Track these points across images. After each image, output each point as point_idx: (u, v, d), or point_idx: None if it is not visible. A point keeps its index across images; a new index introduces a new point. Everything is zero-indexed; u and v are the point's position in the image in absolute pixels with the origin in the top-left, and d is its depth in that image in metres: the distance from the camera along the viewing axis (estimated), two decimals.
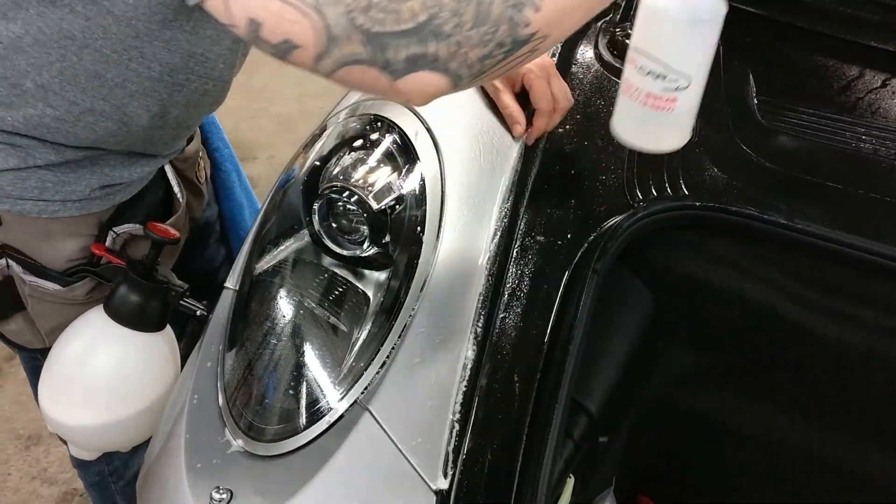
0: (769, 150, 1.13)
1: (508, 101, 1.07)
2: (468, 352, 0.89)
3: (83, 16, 0.85)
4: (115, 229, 1.07)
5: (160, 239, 1.05)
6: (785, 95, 1.22)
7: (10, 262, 1.05)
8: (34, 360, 1.17)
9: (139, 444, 1.12)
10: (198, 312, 1.06)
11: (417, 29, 0.70)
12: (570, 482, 0.93)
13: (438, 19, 0.70)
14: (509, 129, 1.09)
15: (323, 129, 1.16)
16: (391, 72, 0.72)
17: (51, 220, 1.03)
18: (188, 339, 1.10)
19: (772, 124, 1.17)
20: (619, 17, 1.43)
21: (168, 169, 1.17)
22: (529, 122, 1.09)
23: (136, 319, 1.03)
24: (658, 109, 0.84)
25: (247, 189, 1.39)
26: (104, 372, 1.03)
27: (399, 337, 0.91)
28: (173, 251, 1.17)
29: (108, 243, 1.07)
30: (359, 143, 1.05)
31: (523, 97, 1.10)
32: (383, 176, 1.02)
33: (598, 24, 1.40)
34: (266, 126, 3.23)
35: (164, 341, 1.07)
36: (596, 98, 1.22)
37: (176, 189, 1.17)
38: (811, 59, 1.29)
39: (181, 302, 1.06)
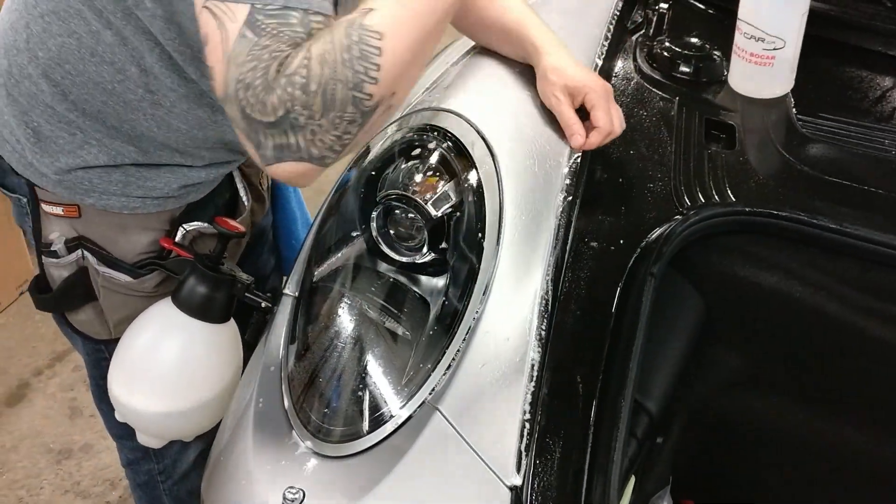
0: (810, 158, 1.16)
1: (569, 114, 1.09)
2: (534, 353, 0.91)
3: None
4: (185, 226, 1.12)
5: (227, 232, 1.09)
6: (823, 106, 1.25)
7: (86, 253, 1.10)
8: (98, 351, 1.20)
9: (202, 433, 1.15)
10: (262, 304, 1.08)
11: (278, 122, 0.75)
12: (632, 481, 0.94)
13: (293, 113, 0.75)
14: (564, 139, 1.11)
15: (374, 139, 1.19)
16: (262, 156, 0.78)
17: (128, 215, 1.07)
18: (252, 330, 1.12)
19: (812, 133, 1.20)
20: (652, 31, 1.46)
21: (236, 173, 1.21)
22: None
23: (203, 310, 1.06)
24: (761, 65, 1.23)
25: (300, 202, 1.43)
26: (171, 360, 1.07)
27: (464, 340, 0.93)
28: (235, 251, 1.21)
29: (177, 238, 1.12)
30: (415, 151, 1.07)
31: (580, 113, 1.12)
32: (441, 183, 1.04)
33: (634, 37, 1.44)
34: None
35: (228, 333, 1.10)
36: (638, 108, 1.25)
37: (242, 192, 1.22)
38: (847, 71, 1.32)
39: (246, 294, 1.08)
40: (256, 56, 0.75)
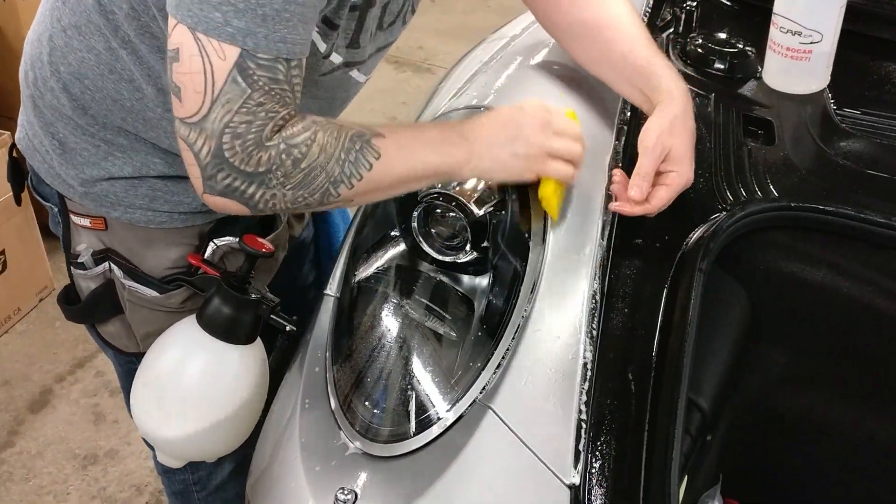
0: (851, 153, 1.15)
1: (650, 169, 0.99)
2: (586, 351, 0.90)
3: None
4: (216, 241, 1.09)
5: (254, 252, 1.06)
6: (861, 100, 1.25)
7: (113, 266, 1.08)
8: (129, 363, 1.18)
9: (225, 455, 1.13)
10: (287, 328, 1.06)
11: (253, 174, 0.81)
12: (685, 480, 0.94)
13: (272, 174, 0.82)
14: (606, 136, 1.10)
15: None
16: (208, 186, 0.83)
17: (155, 229, 1.05)
18: (277, 353, 1.11)
19: (851, 128, 1.19)
20: (682, 28, 1.46)
21: None
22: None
23: (228, 331, 1.03)
24: (797, 59, 1.21)
25: (345, 214, 1.39)
26: (194, 382, 1.04)
27: (513, 339, 0.92)
28: (270, 267, 1.18)
29: (207, 254, 1.09)
30: None
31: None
32: (483, 182, 1.03)
33: (665, 35, 1.43)
34: None
35: (254, 354, 1.07)
36: None
37: None
38: (884, 66, 1.32)
39: (272, 316, 1.06)
40: (252, 111, 0.79)
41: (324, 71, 0.98)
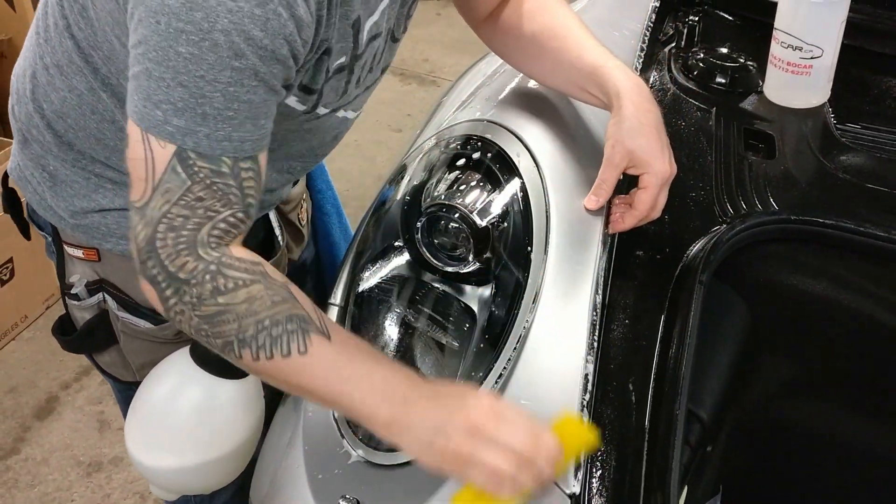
0: (851, 167, 1.16)
1: (609, 176, 1.00)
2: (587, 362, 0.91)
3: None
4: None
5: None
6: (861, 115, 1.26)
7: (107, 296, 1.07)
8: (127, 391, 1.17)
9: (218, 488, 1.10)
10: None
11: (172, 276, 0.77)
12: (685, 491, 0.94)
13: (188, 289, 0.77)
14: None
15: (412, 151, 1.20)
16: (140, 268, 0.79)
17: None
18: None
19: (851, 142, 1.20)
20: (684, 42, 1.47)
21: (271, 212, 1.17)
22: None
23: (221, 366, 1.01)
24: (798, 74, 1.23)
25: (346, 231, 1.38)
26: (187, 417, 1.02)
27: (514, 349, 0.93)
28: None
29: None
30: (459, 161, 1.08)
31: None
32: (486, 193, 1.05)
33: (667, 49, 1.45)
34: None
35: (248, 388, 1.05)
36: (676, 119, 1.26)
37: (277, 232, 1.17)
38: (884, 81, 1.33)
39: None
40: (190, 206, 0.77)
41: (309, 119, 0.96)
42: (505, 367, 0.92)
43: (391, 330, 1.03)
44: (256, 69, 0.76)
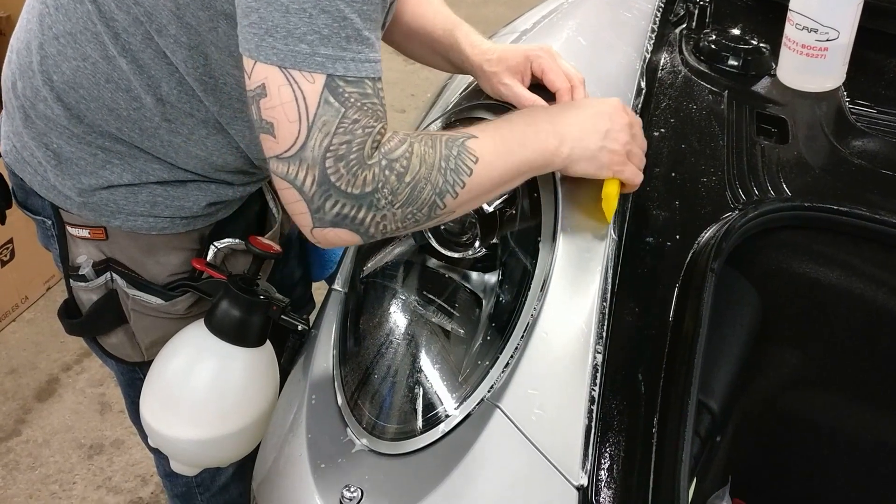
0: (866, 152, 1.14)
1: (525, 94, 1.06)
2: (595, 351, 0.89)
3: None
4: (216, 244, 1.07)
5: (262, 253, 1.04)
6: (876, 99, 1.23)
7: (115, 276, 1.06)
8: (132, 373, 1.17)
9: (237, 459, 1.11)
10: (299, 327, 1.05)
11: (361, 196, 0.79)
12: (694, 481, 0.93)
13: (379, 193, 0.79)
14: None
15: None
16: (317, 219, 0.80)
17: (156, 236, 1.03)
18: (288, 354, 1.09)
19: (867, 127, 1.18)
20: (695, 24, 1.45)
21: (265, 185, 1.16)
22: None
23: (237, 334, 1.02)
24: (812, 57, 1.20)
25: None
26: (205, 388, 1.03)
27: (522, 337, 0.91)
28: (267, 266, 1.16)
29: (209, 258, 1.07)
30: None
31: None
32: None
33: (678, 30, 1.42)
34: None
35: (264, 357, 1.06)
36: (687, 101, 1.23)
37: (272, 204, 1.17)
38: None
39: (282, 317, 1.05)
40: (349, 130, 0.77)
41: None
42: (512, 356, 0.90)
43: (396, 316, 1.01)
44: None
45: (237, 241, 1.09)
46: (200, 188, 1.03)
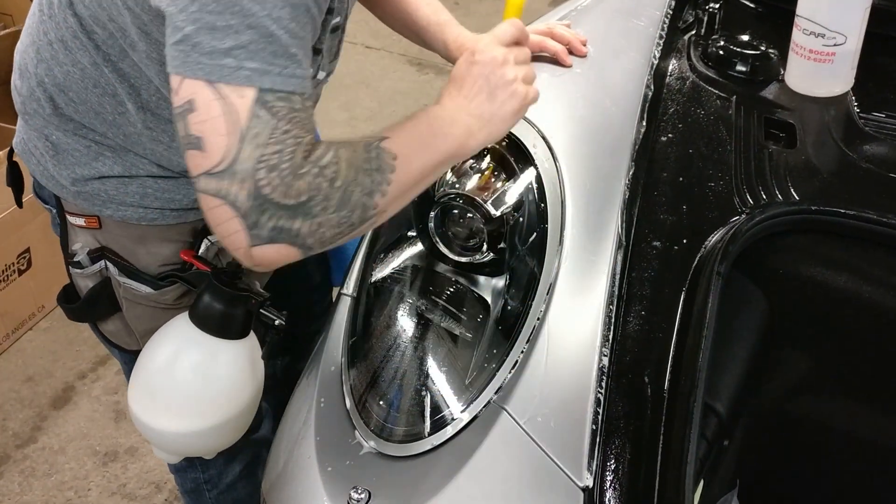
0: (875, 156, 1.14)
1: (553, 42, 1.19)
2: (601, 354, 0.90)
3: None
4: (210, 238, 1.09)
5: None
6: (885, 103, 1.23)
7: (109, 263, 1.09)
8: (133, 360, 1.19)
9: (223, 450, 1.13)
10: (276, 322, 1.06)
11: (296, 206, 0.78)
12: (701, 484, 0.93)
13: (313, 201, 0.79)
14: (625, 140, 1.11)
15: None
16: (254, 235, 0.78)
17: (147, 226, 1.06)
18: (266, 349, 1.10)
19: (875, 131, 1.18)
20: (704, 30, 1.45)
21: None
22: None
23: (220, 327, 1.03)
24: (820, 62, 1.21)
25: None
26: (187, 378, 1.04)
27: (528, 341, 0.92)
28: None
29: (202, 251, 1.09)
30: None
31: None
32: (500, 182, 1.04)
33: (687, 37, 1.42)
34: None
35: (247, 349, 1.07)
36: (695, 107, 1.24)
37: None
38: None
39: (261, 311, 1.06)
40: (280, 140, 0.77)
41: (314, 86, 0.99)
42: (518, 359, 0.91)
43: (404, 320, 1.02)
44: (308, 5, 0.80)
45: None
46: (190, 182, 1.05)
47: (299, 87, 0.79)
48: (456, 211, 1.03)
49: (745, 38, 1.34)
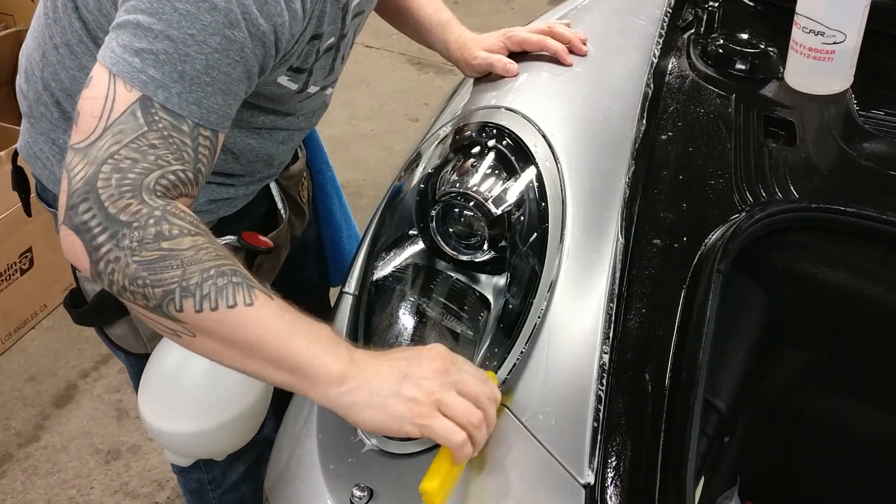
0: (874, 154, 1.14)
1: (492, 57, 1.18)
2: (602, 351, 0.90)
3: None
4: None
5: (253, 248, 1.07)
6: (884, 101, 1.23)
7: None
8: (139, 364, 1.19)
9: (233, 452, 1.13)
10: None
11: (112, 218, 0.73)
12: (702, 481, 0.93)
13: (128, 231, 0.73)
14: (625, 138, 1.11)
15: (427, 139, 1.19)
16: (67, 217, 0.75)
17: None
18: None
19: (875, 129, 1.18)
20: (703, 28, 1.45)
21: (273, 186, 1.19)
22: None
23: None
24: (820, 60, 1.21)
25: (346, 214, 1.40)
26: (197, 381, 1.05)
27: (529, 339, 0.92)
28: (273, 265, 1.18)
29: None
30: (475, 150, 1.07)
31: None
32: (501, 181, 1.04)
33: (686, 35, 1.42)
34: None
35: None
36: (695, 105, 1.24)
37: (279, 205, 1.20)
38: None
39: None
40: (141, 151, 0.75)
41: (302, 99, 1.01)
42: (519, 357, 0.91)
43: (405, 318, 1.02)
44: (244, 45, 0.77)
45: (232, 237, 1.11)
46: None
47: (198, 118, 0.76)
48: (457, 209, 1.04)
49: (745, 36, 1.35)
